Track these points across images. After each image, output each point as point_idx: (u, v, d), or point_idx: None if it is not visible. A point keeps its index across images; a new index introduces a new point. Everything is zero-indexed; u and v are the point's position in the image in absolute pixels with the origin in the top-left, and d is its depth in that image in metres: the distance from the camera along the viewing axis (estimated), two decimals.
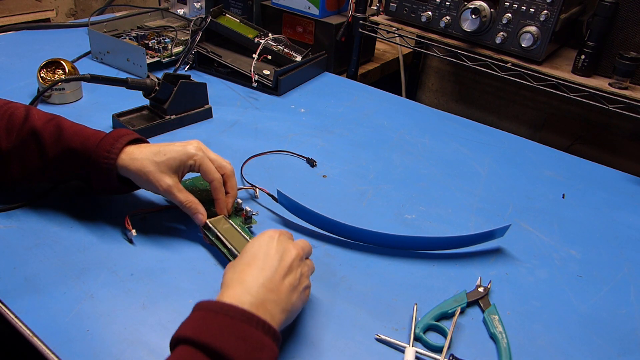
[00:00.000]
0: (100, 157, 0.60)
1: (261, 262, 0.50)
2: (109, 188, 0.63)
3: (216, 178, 0.63)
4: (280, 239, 0.53)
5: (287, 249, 0.52)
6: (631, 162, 1.25)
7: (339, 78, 1.20)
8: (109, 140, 0.61)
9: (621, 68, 0.91)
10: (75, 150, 0.61)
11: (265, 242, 0.52)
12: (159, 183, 0.60)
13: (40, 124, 0.62)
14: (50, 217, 0.65)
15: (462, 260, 0.67)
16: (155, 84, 0.86)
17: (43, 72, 0.93)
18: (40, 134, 0.61)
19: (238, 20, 1.18)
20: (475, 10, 1.00)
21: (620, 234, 0.75)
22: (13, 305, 0.53)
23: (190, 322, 0.43)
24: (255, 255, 0.50)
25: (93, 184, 0.63)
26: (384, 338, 0.54)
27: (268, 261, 0.50)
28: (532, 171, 0.89)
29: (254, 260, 0.50)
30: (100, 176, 0.61)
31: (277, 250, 0.51)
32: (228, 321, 0.42)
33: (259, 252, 0.51)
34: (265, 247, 0.51)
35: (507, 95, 1.44)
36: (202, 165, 0.62)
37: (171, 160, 0.61)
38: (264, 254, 0.50)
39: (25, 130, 0.61)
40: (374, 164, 0.87)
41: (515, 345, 0.55)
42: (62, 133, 0.61)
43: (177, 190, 0.61)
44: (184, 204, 0.62)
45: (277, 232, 0.54)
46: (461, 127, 1.02)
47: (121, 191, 0.65)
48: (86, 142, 0.61)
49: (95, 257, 0.61)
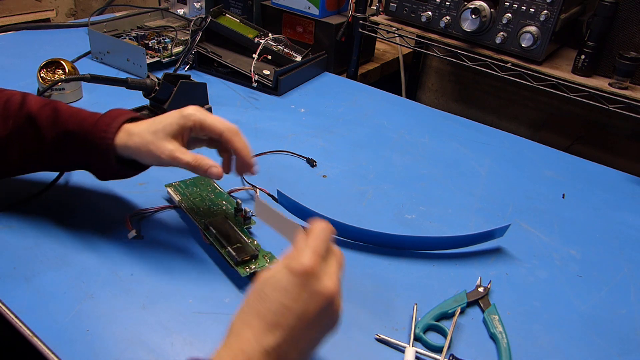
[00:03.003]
0: (97, 137, 0.57)
1: (280, 319, 0.39)
2: (109, 171, 0.60)
3: (226, 127, 0.58)
4: (318, 279, 0.40)
5: (324, 294, 0.40)
6: (631, 162, 1.25)
7: (339, 78, 1.20)
8: (105, 120, 0.58)
9: (621, 68, 0.91)
10: (72, 132, 0.58)
11: (294, 283, 0.39)
12: (161, 150, 0.55)
13: (36, 108, 0.59)
14: (51, 217, 0.65)
15: (462, 260, 0.67)
16: (155, 84, 0.86)
17: (43, 72, 0.93)
18: (36, 118, 0.59)
19: (238, 20, 1.18)
20: (475, 10, 1.00)
21: (620, 234, 0.75)
22: (13, 305, 0.53)
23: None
24: (273, 301, 0.39)
25: (92, 168, 0.60)
26: (384, 338, 0.54)
27: (282, 317, 0.38)
28: (532, 171, 0.89)
29: (270, 312, 0.39)
30: (98, 158, 0.58)
31: (309, 305, 0.39)
32: None
33: (281, 299, 0.39)
34: (292, 296, 0.39)
35: (507, 95, 1.44)
36: (204, 121, 0.57)
37: (168, 127, 0.56)
38: (284, 307, 0.39)
39: (21, 116, 0.59)
40: (374, 164, 0.87)
41: (515, 345, 0.55)
42: (58, 116, 0.59)
43: (181, 154, 0.56)
44: (192, 163, 0.56)
45: (312, 259, 0.40)
46: (461, 127, 1.02)
47: (123, 174, 0.61)
48: (83, 124, 0.58)
49: (95, 257, 0.61)
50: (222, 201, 0.69)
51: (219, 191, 0.71)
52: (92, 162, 0.60)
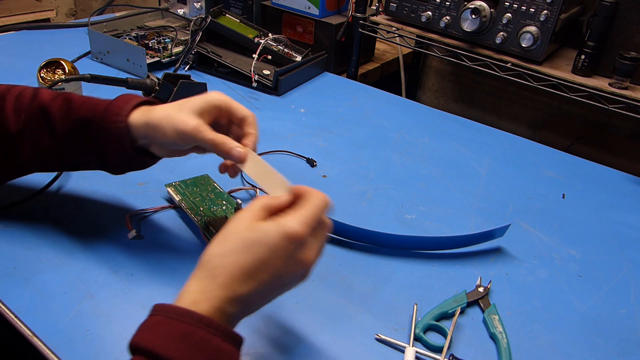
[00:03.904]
0: (109, 120, 0.55)
1: (257, 273, 0.42)
2: (125, 157, 0.58)
3: (249, 112, 0.58)
4: (304, 248, 0.44)
5: (303, 262, 0.44)
6: (631, 162, 1.25)
7: (339, 78, 1.20)
8: (117, 103, 0.57)
9: (621, 68, 0.91)
10: (84, 119, 0.57)
11: (281, 246, 0.42)
12: (185, 123, 0.53)
13: (48, 99, 0.59)
14: (51, 217, 0.65)
15: (462, 260, 0.67)
16: (155, 84, 0.86)
17: (43, 72, 0.93)
18: (49, 109, 0.58)
19: (238, 20, 1.18)
20: (475, 10, 1.00)
21: (620, 234, 0.75)
22: (13, 305, 0.53)
23: (146, 330, 0.40)
24: (256, 256, 0.42)
25: (107, 158, 0.59)
26: (384, 338, 0.54)
27: (260, 272, 0.42)
28: (532, 171, 0.89)
29: (250, 265, 0.42)
30: (112, 141, 0.56)
31: (287, 268, 0.43)
32: (184, 328, 0.39)
33: (264, 256, 0.42)
34: (275, 256, 0.42)
35: (507, 95, 1.44)
36: (232, 103, 0.57)
37: (196, 103, 0.55)
38: (264, 264, 0.42)
39: (33, 108, 0.58)
40: (374, 164, 0.87)
41: (515, 345, 0.55)
42: (70, 105, 0.58)
43: (205, 130, 0.54)
44: (216, 140, 0.54)
45: (305, 229, 0.43)
46: (461, 127, 1.02)
47: (139, 161, 0.59)
48: (95, 109, 0.57)
49: (95, 257, 0.61)
50: (222, 201, 0.69)
51: (219, 191, 0.71)
52: (107, 148, 0.57)
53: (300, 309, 0.57)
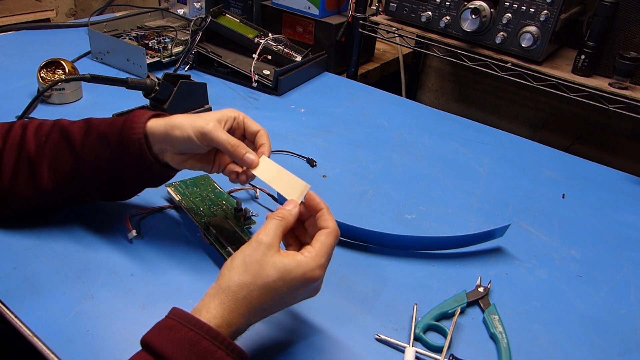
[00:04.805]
0: (128, 128, 0.58)
1: (274, 306, 0.48)
2: (142, 166, 0.59)
3: (263, 129, 0.62)
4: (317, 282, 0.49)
5: (314, 291, 0.50)
6: (631, 162, 1.25)
7: (339, 78, 1.20)
8: (136, 114, 0.59)
9: (621, 68, 0.91)
10: (103, 134, 0.59)
11: (300, 286, 0.48)
12: (206, 122, 0.57)
13: (68, 122, 0.62)
14: (51, 217, 0.65)
15: (462, 260, 0.67)
16: (155, 84, 0.86)
17: (43, 72, 0.93)
18: (68, 129, 0.60)
19: (238, 20, 1.18)
20: (475, 10, 1.00)
21: (620, 234, 0.75)
22: (13, 305, 0.54)
23: (159, 331, 0.44)
24: (278, 295, 0.47)
25: (127, 175, 0.60)
26: (384, 338, 0.54)
27: (277, 304, 0.48)
28: (532, 171, 0.89)
29: (271, 304, 0.47)
30: (132, 152, 0.58)
31: (298, 298, 0.49)
32: (192, 336, 0.42)
33: (284, 293, 0.47)
34: (293, 292, 0.47)
35: (507, 95, 1.44)
36: (246, 118, 0.62)
37: (213, 113, 0.59)
38: (281, 299, 0.47)
39: (54, 131, 0.61)
40: (374, 164, 0.87)
41: (515, 345, 0.55)
42: (90, 124, 0.61)
43: (222, 131, 0.57)
44: (231, 142, 0.57)
45: (323, 272, 0.49)
46: (461, 127, 1.02)
47: (155, 173, 0.60)
48: (114, 123, 0.60)
49: (95, 257, 0.61)
50: (222, 201, 0.69)
51: (219, 191, 0.71)
52: (124, 156, 0.58)
53: (300, 309, 0.57)
